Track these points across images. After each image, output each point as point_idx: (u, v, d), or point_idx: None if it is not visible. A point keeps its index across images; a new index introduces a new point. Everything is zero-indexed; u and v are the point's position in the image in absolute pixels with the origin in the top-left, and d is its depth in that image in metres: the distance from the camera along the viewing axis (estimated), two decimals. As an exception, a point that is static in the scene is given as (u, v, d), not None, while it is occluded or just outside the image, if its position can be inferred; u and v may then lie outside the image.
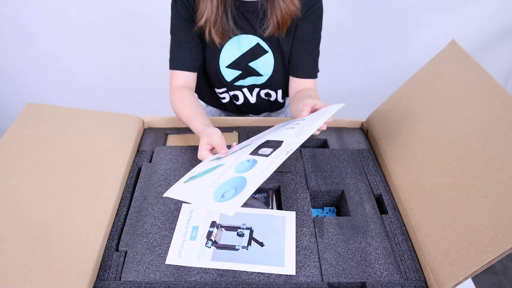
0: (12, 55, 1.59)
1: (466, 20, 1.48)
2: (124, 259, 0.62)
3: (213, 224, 0.67)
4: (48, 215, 0.64)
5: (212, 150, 0.73)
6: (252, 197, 0.75)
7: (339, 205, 0.78)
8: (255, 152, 0.65)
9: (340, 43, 1.52)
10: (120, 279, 0.59)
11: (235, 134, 0.91)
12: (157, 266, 0.61)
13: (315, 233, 0.67)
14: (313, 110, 0.71)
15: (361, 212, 0.71)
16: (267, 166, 0.59)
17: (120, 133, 0.84)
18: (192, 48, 0.88)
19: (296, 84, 0.93)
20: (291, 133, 0.67)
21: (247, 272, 0.60)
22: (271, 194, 0.76)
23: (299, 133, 0.65)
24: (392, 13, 1.46)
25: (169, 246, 0.64)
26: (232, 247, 0.64)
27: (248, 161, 0.64)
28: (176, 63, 0.89)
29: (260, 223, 0.68)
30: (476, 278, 1.40)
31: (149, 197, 0.73)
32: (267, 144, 0.67)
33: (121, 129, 0.85)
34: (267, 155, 0.63)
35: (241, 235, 0.66)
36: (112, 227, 0.67)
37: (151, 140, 0.89)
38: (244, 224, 0.67)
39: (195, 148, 0.85)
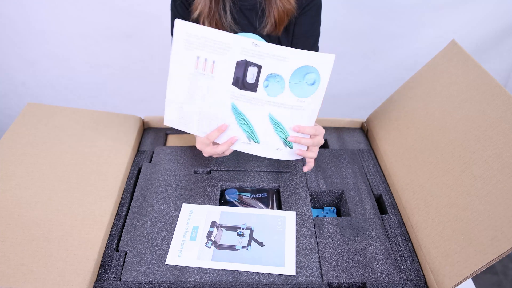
0: (12, 55, 1.59)
1: (466, 20, 1.48)
2: (124, 259, 0.62)
3: (213, 224, 0.67)
4: (48, 215, 0.64)
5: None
6: (252, 197, 0.75)
7: (339, 205, 0.78)
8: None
9: (340, 43, 1.52)
10: (120, 279, 0.59)
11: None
12: (157, 266, 0.61)
13: (315, 233, 0.67)
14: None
15: (361, 212, 0.71)
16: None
17: (120, 133, 0.84)
18: None
19: None
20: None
21: (247, 272, 0.60)
22: (271, 194, 0.76)
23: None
24: (392, 13, 1.46)
25: (169, 246, 0.64)
26: (232, 247, 0.64)
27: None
28: None
29: (260, 223, 0.67)
30: (476, 278, 1.39)
31: (149, 197, 0.73)
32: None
33: (121, 129, 0.85)
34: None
35: (241, 235, 0.66)
36: (112, 227, 0.67)
37: (151, 140, 0.89)
38: (244, 224, 0.67)
39: (195, 148, 0.85)
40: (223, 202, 0.75)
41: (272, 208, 0.73)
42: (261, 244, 0.64)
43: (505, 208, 0.54)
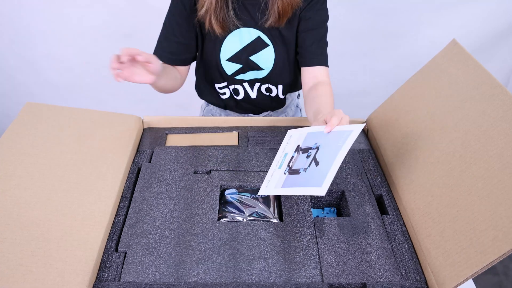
0: (12, 55, 1.59)
1: (467, 20, 1.47)
2: (124, 259, 0.62)
3: (297, 148, 0.67)
4: (48, 215, 0.64)
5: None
6: (252, 197, 0.74)
7: (339, 206, 0.78)
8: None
9: (340, 42, 1.51)
10: (119, 280, 0.59)
11: (235, 134, 0.90)
12: (156, 267, 0.61)
13: (315, 233, 0.67)
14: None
15: (362, 213, 0.71)
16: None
17: (120, 133, 0.84)
18: (178, 44, 0.88)
19: (308, 74, 0.89)
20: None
21: (247, 272, 0.60)
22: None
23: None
24: (393, 12, 1.46)
25: (169, 247, 0.64)
26: (297, 172, 0.65)
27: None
28: (158, 51, 0.90)
29: (328, 140, 0.65)
30: (477, 279, 1.39)
31: (149, 198, 0.72)
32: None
33: (121, 129, 0.85)
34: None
35: (309, 156, 0.65)
36: (111, 228, 0.67)
37: (151, 140, 0.89)
38: (316, 143, 0.65)
39: (195, 148, 0.84)
40: (223, 202, 0.74)
41: (272, 208, 0.73)
42: (317, 163, 0.63)
43: (506, 209, 0.54)
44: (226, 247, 0.64)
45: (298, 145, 0.68)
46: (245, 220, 0.70)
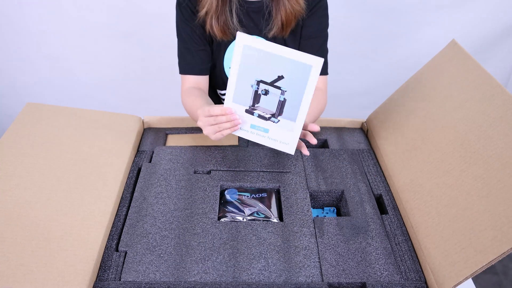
0: (12, 55, 1.59)
1: (466, 20, 1.48)
2: (124, 259, 0.62)
3: (261, 81, 0.66)
4: (48, 215, 0.64)
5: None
6: (252, 197, 0.75)
7: (339, 205, 0.78)
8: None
9: (340, 42, 1.52)
10: (120, 279, 0.59)
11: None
12: (157, 266, 0.61)
13: (315, 233, 0.67)
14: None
15: (361, 212, 0.71)
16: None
17: (120, 133, 0.84)
18: (200, 51, 0.87)
19: None
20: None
21: (247, 272, 0.60)
22: (271, 194, 0.75)
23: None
24: (393, 12, 1.46)
25: (169, 246, 0.64)
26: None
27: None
28: (186, 68, 0.88)
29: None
30: (476, 278, 1.39)
31: (149, 197, 0.73)
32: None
33: (121, 129, 0.85)
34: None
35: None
36: (112, 227, 0.67)
37: (151, 140, 0.89)
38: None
39: (195, 148, 0.85)
40: (223, 202, 0.75)
41: (271, 208, 0.73)
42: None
43: (505, 208, 0.54)
44: (226, 247, 0.64)
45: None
46: (245, 220, 0.70)
